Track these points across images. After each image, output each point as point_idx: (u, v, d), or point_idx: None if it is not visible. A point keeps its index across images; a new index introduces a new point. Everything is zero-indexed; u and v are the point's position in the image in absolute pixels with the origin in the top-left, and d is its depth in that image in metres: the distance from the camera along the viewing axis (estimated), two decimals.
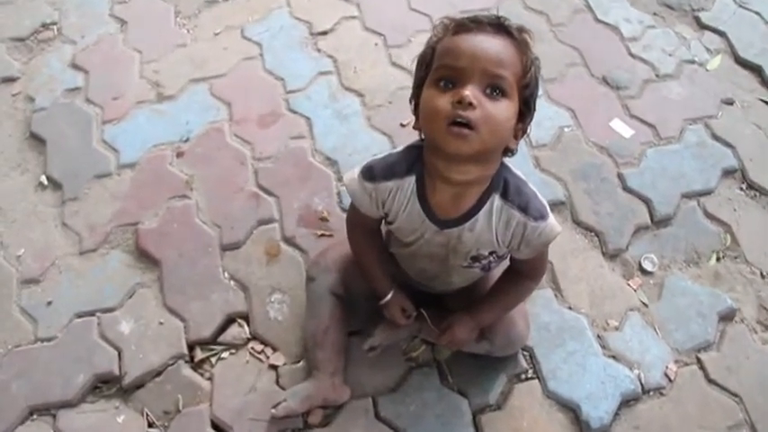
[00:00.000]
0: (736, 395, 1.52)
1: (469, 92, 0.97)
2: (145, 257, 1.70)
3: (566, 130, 1.98)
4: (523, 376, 1.52)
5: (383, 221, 1.31)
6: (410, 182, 1.17)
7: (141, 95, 2.03)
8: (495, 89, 1.00)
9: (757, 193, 1.88)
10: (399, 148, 1.22)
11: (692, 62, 2.19)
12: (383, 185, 1.18)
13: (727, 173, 1.91)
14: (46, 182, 1.86)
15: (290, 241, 1.72)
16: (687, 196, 1.85)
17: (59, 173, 1.86)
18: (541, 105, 1.57)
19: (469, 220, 1.16)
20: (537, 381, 1.51)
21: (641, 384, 1.51)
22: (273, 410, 1.40)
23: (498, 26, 1.04)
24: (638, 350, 1.56)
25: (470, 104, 0.97)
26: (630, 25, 2.29)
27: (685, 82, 2.12)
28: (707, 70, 2.17)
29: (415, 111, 1.13)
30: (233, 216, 1.76)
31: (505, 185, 1.14)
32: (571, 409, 1.48)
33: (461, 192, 1.14)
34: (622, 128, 1.97)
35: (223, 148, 1.91)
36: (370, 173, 1.18)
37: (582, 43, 2.22)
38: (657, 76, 2.14)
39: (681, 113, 2.03)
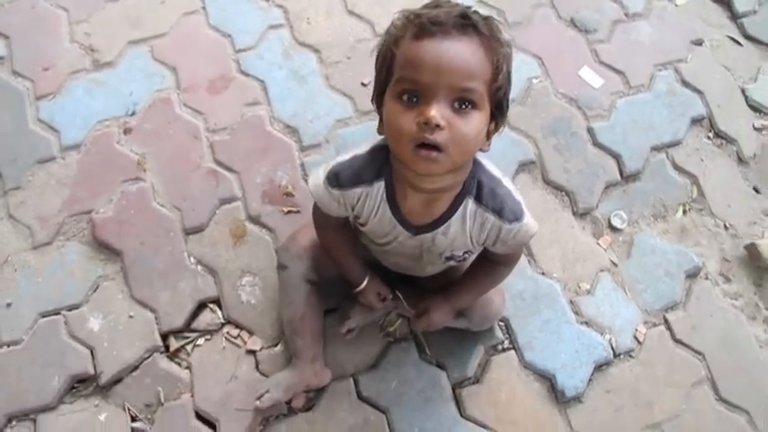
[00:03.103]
0: (699, 353, 1.68)
1: (435, 111, 0.93)
2: (104, 248, 1.70)
3: (534, 81, 2.00)
4: (500, 347, 1.65)
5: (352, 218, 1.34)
6: (379, 187, 1.18)
7: (75, 64, 1.95)
8: (463, 102, 0.97)
9: (723, 142, 1.98)
10: (364, 150, 1.19)
11: None
12: (350, 192, 1.19)
13: (696, 121, 2.00)
14: None
15: (255, 220, 1.75)
16: (656, 149, 1.94)
17: None
18: None
19: (442, 225, 1.18)
20: (513, 351, 1.64)
21: (612, 349, 1.65)
22: (257, 402, 1.50)
23: (463, 26, 0.97)
24: (609, 314, 1.70)
25: (437, 126, 0.94)
26: None
27: (655, 21, 2.16)
28: (676, 5, 2.21)
29: (378, 111, 1.10)
30: (192, 197, 1.77)
31: (479, 188, 1.15)
32: (547, 379, 1.62)
33: (433, 198, 1.15)
34: (592, 77, 2.01)
35: (173, 121, 1.87)
36: (336, 179, 1.18)
37: None
38: (627, 15, 2.17)
39: (650, 58, 2.08)
